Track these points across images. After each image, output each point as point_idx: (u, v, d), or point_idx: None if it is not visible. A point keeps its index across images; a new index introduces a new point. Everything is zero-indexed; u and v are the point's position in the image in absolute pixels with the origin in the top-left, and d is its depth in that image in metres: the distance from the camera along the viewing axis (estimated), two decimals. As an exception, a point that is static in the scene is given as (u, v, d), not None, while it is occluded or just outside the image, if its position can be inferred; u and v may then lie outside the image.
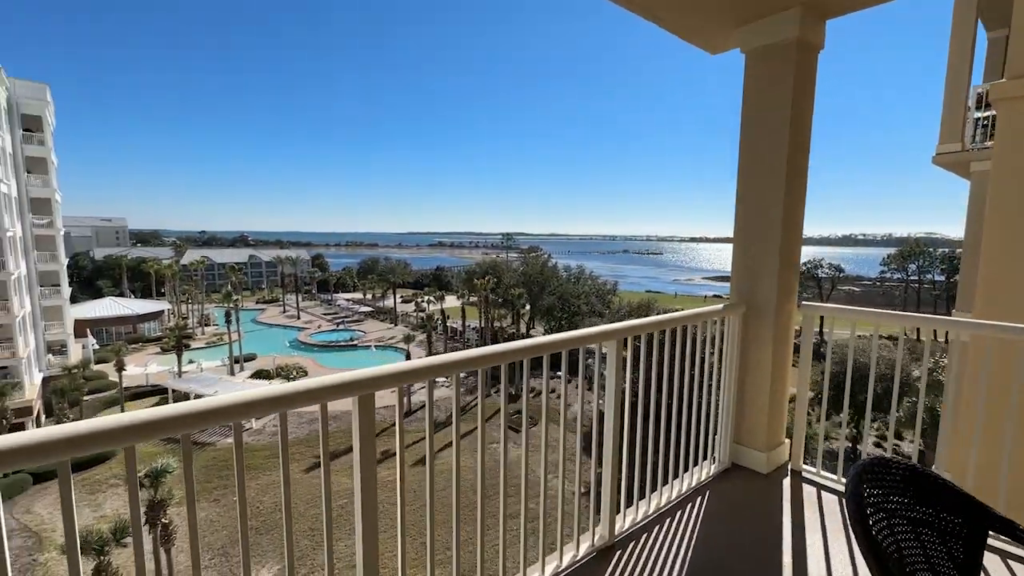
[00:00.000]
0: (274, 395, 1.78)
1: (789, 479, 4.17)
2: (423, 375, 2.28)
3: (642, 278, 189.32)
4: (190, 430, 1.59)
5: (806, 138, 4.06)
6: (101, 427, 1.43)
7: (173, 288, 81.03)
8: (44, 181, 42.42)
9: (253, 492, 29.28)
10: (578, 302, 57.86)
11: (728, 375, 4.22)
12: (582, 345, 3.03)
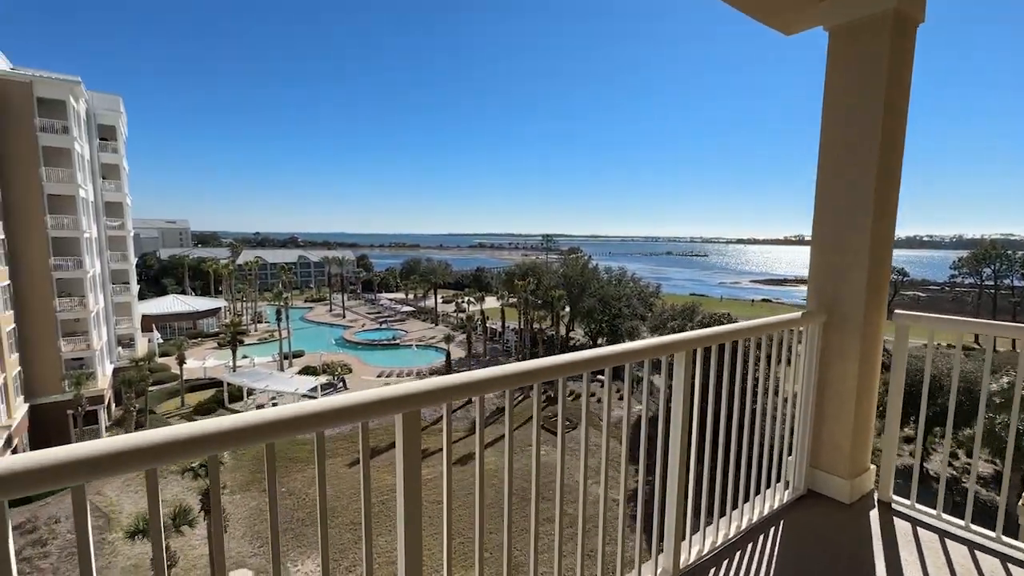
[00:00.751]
0: (311, 412, 1.57)
1: (877, 512, 3.68)
2: (475, 390, 2.06)
3: (686, 281, 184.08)
4: (218, 450, 1.44)
5: (901, 125, 3.56)
6: (127, 446, 1.30)
7: (229, 287, 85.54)
8: (117, 186, 45.72)
9: (299, 484, 30.36)
10: (619, 304, 56.78)
11: (805, 391, 3.77)
12: (649, 357, 2.72)
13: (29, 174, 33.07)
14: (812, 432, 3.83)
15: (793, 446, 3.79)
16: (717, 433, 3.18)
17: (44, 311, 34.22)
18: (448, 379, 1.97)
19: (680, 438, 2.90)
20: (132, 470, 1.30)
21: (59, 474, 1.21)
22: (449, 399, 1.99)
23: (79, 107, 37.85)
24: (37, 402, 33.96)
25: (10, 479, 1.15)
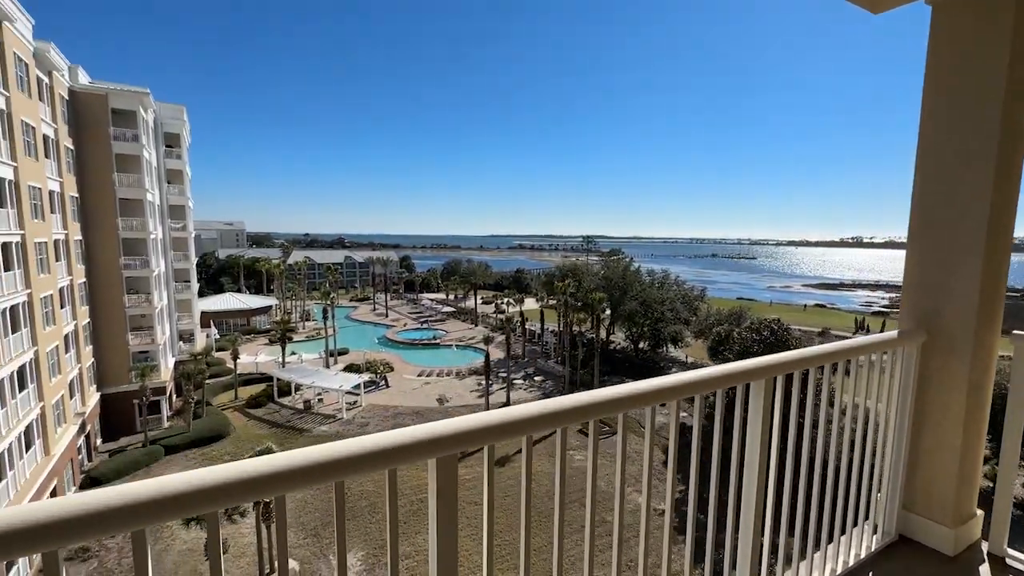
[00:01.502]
0: (328, 459, 1.33)
1: (988, 568, 3.11)
2: (522, 428, 1.73)
3: (732, 284, 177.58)
4: (235, 502, 1.26)
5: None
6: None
7: (280, 285, 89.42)
8: (180, 190, 48.71)
9: (342, 479, 31.28)
10: (662, 308, 55.32)
11: (898, 422, 3.26)
12: (723, 386, 2.35)
13: (104, 179, 35.69)
14: (906, 470, 3.30)
15: (882, 482, 3.28)
16: (798, 466, 2.78)
17: (115, 307, 36.82)
18: (491, 417, 1.68)
19: (757, 475, 2.51)
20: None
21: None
22: (492, 440, 1.69)
23: (148, 117, 40.55)
24: (107, 391, 36.57)
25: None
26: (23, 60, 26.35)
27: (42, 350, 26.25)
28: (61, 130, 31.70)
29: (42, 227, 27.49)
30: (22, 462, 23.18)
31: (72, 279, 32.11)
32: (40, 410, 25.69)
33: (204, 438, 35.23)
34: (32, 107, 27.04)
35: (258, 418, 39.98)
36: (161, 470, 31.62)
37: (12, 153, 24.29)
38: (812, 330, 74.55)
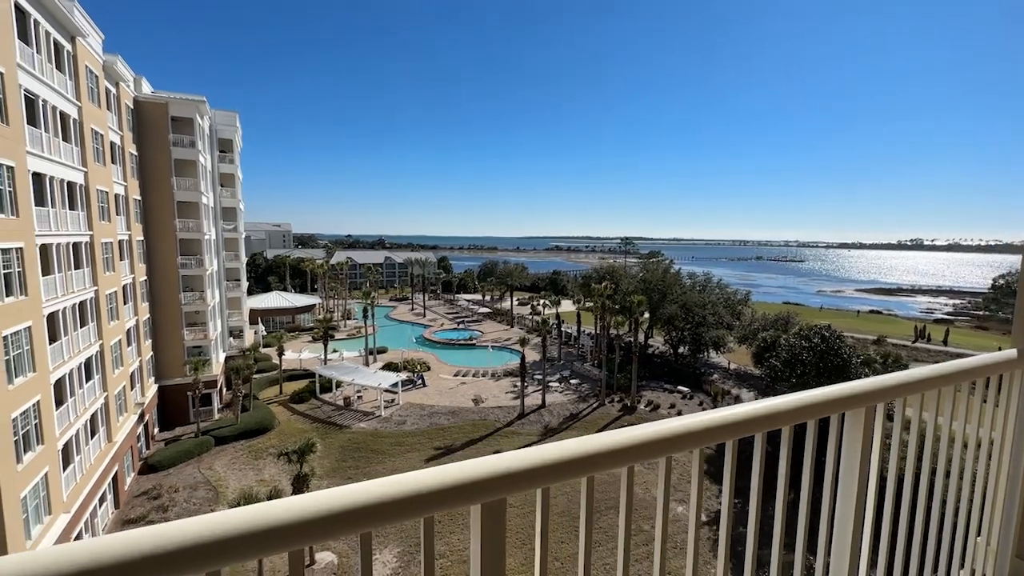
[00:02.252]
0: (351, 506, 1.10)
1: None
2: (582, 467, 1.40)
3: (778, 288, 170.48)
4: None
5: None
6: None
7: (323, 285, 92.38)
8: (232, 193, 51.10)
9: (380, 475, 31.38)
10: (703, 312, 53.59)
11: (1010, 458, 2.85)
12: (814, 417, 1.96)
13: (163, 183, 37.85)
14: (1020, 513, 2.86)
15: (982, 526, 2.85)
16: (897, 506, 2.38)
17: (172, 304, 38.95)
18: (546, 453, 1.36)
19: (853, 521, 2.16)
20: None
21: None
22: (547, 482, 1.37)
23: (203, 123, 42.74)
24: (164, 383, 38.71)
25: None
26: (94, 72, 28.25)
27: (107, 343, 28.01)
28: (126, 137, 33.81)
29: (108, 228, 29.37)
30: (88, 447, 24.79)
31: (134, 277, 34.16)
32: (104, 400, 27.42)
33: (251, 430, 36.72)
34: (101, 116, 28.96)
35: (301, 413, 41.32)
36: (211, 460, 33.15)
37: (83, 159, 26.06)
38: (866, 337, 70.54)
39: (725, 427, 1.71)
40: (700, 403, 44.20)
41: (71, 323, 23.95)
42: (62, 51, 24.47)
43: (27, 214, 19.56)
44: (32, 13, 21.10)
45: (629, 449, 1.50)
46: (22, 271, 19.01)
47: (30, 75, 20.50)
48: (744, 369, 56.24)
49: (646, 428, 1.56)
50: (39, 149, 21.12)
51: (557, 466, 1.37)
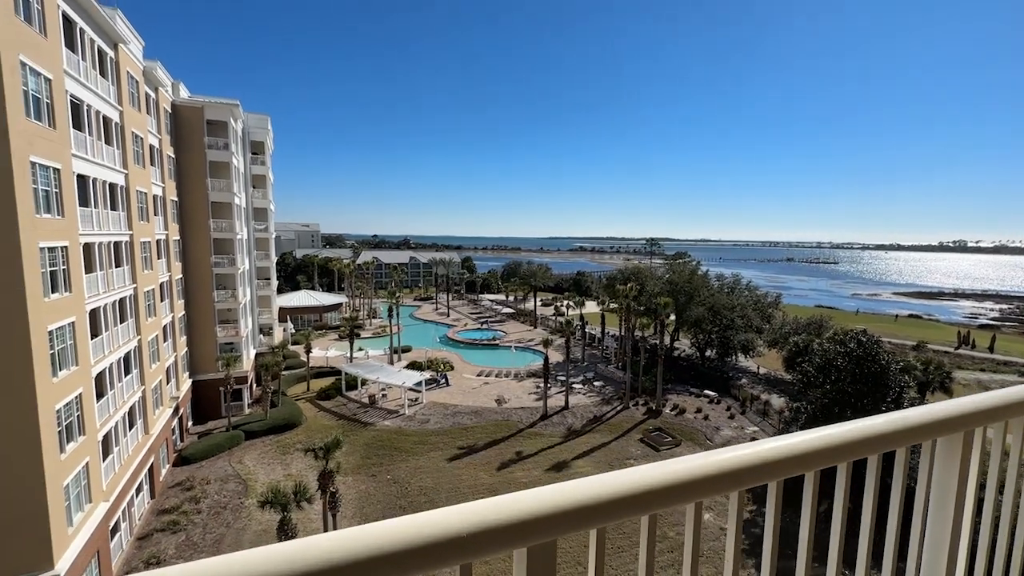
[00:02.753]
0: (362, 556, 0.89)
1: None
2: (640, 504, 1.19)
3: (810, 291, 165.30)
4: None
5: None
6: None
7: (350, 284, 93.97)
8: (263, 194, 52.43)
9: (403, 473, 32.07)
10: (731, 314, 52.30)
11: None
12: (904, 444, 1.63)
13: (198, 184, 39.08)
14: None
15: None
16: (993, 548, 1.99)
17: (205, 301, 40.18)
18: (603, 486, 1.16)
19: (946, 558, 1.81)
20: None
21: None
22: (602, 521, 1.15)
23: (237, 126, 43.99)
24: (198, 378, 39.96)
25: None
26: (135, 78, 29.36)
27: (144, 339, 29.05)
28: (164, 140, 35.03)
29: (147, 228, 30.47)
30: (126, 439, 25.74)
31: (171, 275, 35.35)
32: (141, 393, 28.44)
33: (279, 426, 37.56)
34: (141, 120, 30.07)
35: (327, 410, 42.07)
36: (241, 454, 34.02)
37: (124, 162, 27.10)
38: (905, 343, 67.75)
39: (804, 456, 1.45)
40: (728, 408, 43.12)
41: (111, 319, 24.90)
42: (105, 58, 25.49)
43: (72, 214, 20.42)
44: (78, 22, 22.03)
45: (697, 482, 1.27)
46: (67, 269, 19.85)
47: (76, 81, 21.41)
48: (774, 374, 54.64)
49: (716, 456, 1.33)
50: (83, 152, 22.04)
51: (615, 502, 1.16)
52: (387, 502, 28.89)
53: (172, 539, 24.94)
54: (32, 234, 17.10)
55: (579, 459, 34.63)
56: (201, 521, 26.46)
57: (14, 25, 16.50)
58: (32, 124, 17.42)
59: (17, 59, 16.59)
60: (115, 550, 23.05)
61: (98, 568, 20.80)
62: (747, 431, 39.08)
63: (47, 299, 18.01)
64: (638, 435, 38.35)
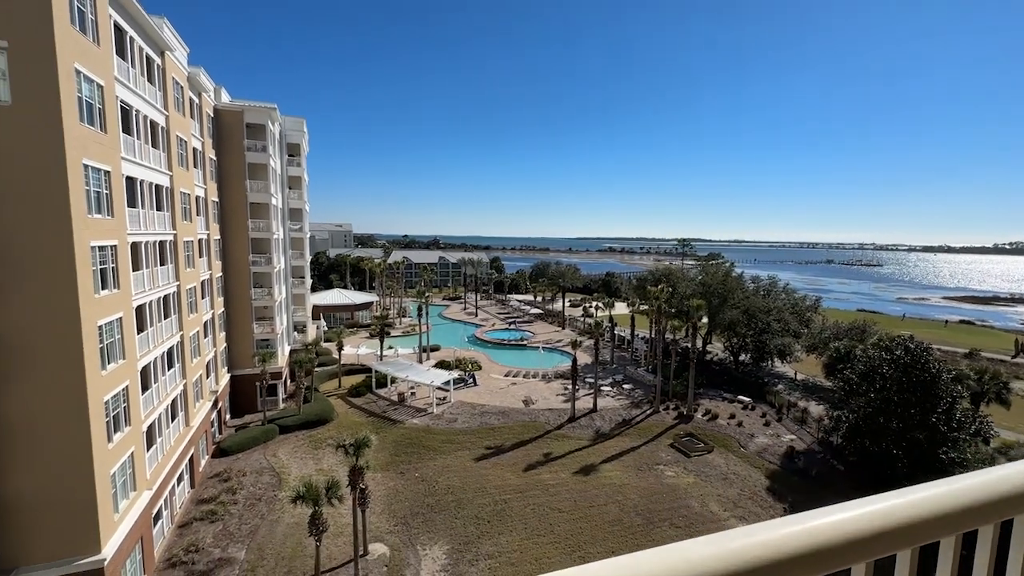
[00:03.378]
0: None
1: None
2: (853, 552, 0.99)
3: (852, 294, 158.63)
4: None
5: None
6: None
7: (381, 283, 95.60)
8: (298, 195, 53.89)
9: (431, 472, 32.30)
10: (767, 318, 50.57)
11: None
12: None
13: (237, 186, 40.44)
14: None
15: None
16: None
17: (243, 299, 41.54)
18: (819, 532, 0.97)
19: None
20: None
21: None
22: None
23: (274, 129, 45.31)
24: (236, 373, 41.34)
25: None
26: (180, 84, 30.58)
27: (186, 334, 30.22)
28: (206, 143, 36.38)
29: (190, 228, 31.69)
30: (168, 430, 26.83)
31: (211, 273, 36.68)
32: (183, 386, 29.59)
33: (312, 421, 38.45)
34: (185, 124, 31.29)
35: (358, 407, 42.81)
36: (275, 447, 34.97)
37: (169, 164, 28.25)
38: (956, 350, 64.09)
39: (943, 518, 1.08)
40: (763, 414, 41.71)
41: (156, 315, 25.99)
42: (153, 64, 26.62)
43: (121, 215, 21.38)
44: (128, 31, 23.06)
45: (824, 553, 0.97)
46: (115, 267, 20.79)
47: (126, 87, 22.42)
48: (813, 380, 52.57)
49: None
50: (132, 155, 23.05)
51: (829, 551, 0.94)
52: (415, 500, 29.14)
53: (210, 528, 25.80)
54: (84, 233, 17.96)
55: (607, 463, 34.13)
56: (237, 512, 27.29)
57: (70, 35, 17.37)
58: (85, 129, 18.31)
59: (72, 67, 17.46)
60: (157, 537, 24.02)
61: (141, 554, 21.70)
62: (783, 439, 37.70)
63: (97, 295, 18.88)
64: (668, 440, 37.50)
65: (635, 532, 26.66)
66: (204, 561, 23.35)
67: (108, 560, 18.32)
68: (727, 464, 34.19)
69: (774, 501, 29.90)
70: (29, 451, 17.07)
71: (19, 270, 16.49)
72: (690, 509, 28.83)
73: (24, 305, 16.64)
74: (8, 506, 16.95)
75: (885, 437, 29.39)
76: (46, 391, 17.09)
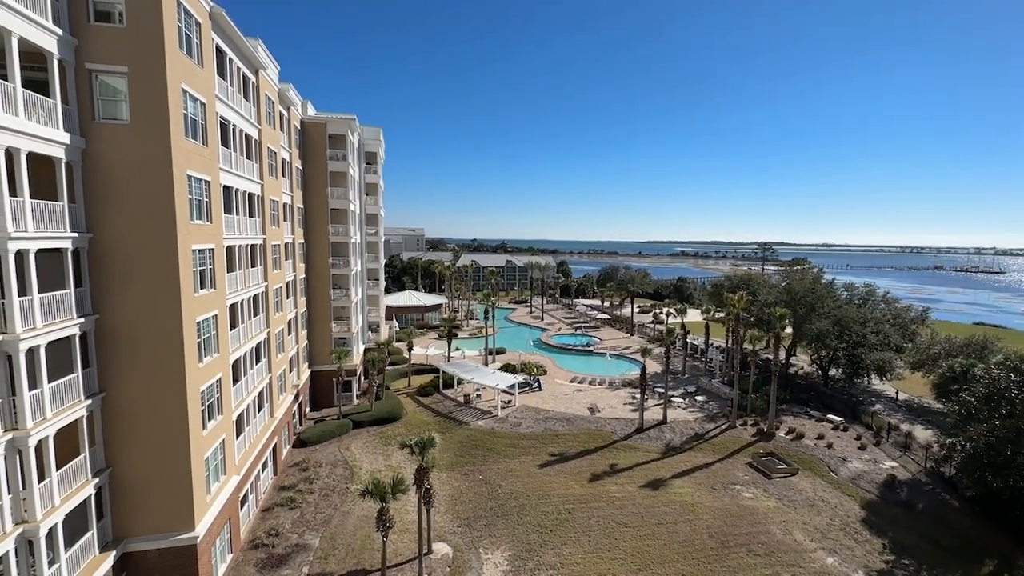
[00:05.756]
0: None
1: None
2: None
3: (967, 304, 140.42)
4: None
5: None
6: None
7: (450, 286, 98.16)
8: (375, 201, 56.59)
9: (494, 475, 32.29)
10: (863, 330, 45.73)
11: None
12: None
13: (319, 193, 43.12)
14: None
15: None
16: None
17: (323, 299, 44.15)
18: None
19: None
20: None
21: None
22: None
23: (353, 139, 47.88)
24: (315, 368, 43.98)
25: None
26: (271, 99, 33.08)
27: (272, 332, 32.52)
28: (293, 154, 39.09)
29: (277, 232, 34.14)
30: (255, 420, 28.95)
31: (295, 275, 39.30)
32: (268, 380, 31.83)
33: (383, 418, 39.96)
34: (275, 137, 33.79)
35: (426, 406, 43.93)
36: (349, 441, 36.67)
37: (260, 173, 30.60)
38: (1106, 374, 54.33)
39: None
40: (857, 437, 37.67)
41: (246, 313, 28.15)
42: (248, 82, 28.98)
43: (218, 220, 23.37)
44: (228, 52, 25.24)
45: None
46: (213, 268, 22.74)
47: (224, 104, 24.53)
48: (919, 401, 46.83)
49: None
50: (228, 166, 25.17)
51: None
52: (478, 502, 29.23)
53: (289, 515, 27.45)
54: (187, 237, 19.76)
55: (678, 478, 32.36)
56: (313, 501, 28.84)
57: (178, 59, 19.23)
58: (189, 143, 20.17)
59: (180, 87, 19.31)
60: (243, 519, 25.91)
61: (229, 534, 23.48)
62: (882, 465, 33.78)
63: (196, 294, 20.70)
64: (746, 458, 34.91)
65: (708, 555, 24.93)
66: (283, 545, 24.83)
67: (200, 537, 19.93)
68: (814, 489, 31.18)
69: (871, 535, 26.77)
70: (136, 433, 18.99)
71: (130, 269, 18.42)
72: (771, 536, 26.51)
73: (133, 301, 18.55)
74: (120, 482, 18.95)
75: (1013, 472, 25.35)
76: (151, 380, 18.93)
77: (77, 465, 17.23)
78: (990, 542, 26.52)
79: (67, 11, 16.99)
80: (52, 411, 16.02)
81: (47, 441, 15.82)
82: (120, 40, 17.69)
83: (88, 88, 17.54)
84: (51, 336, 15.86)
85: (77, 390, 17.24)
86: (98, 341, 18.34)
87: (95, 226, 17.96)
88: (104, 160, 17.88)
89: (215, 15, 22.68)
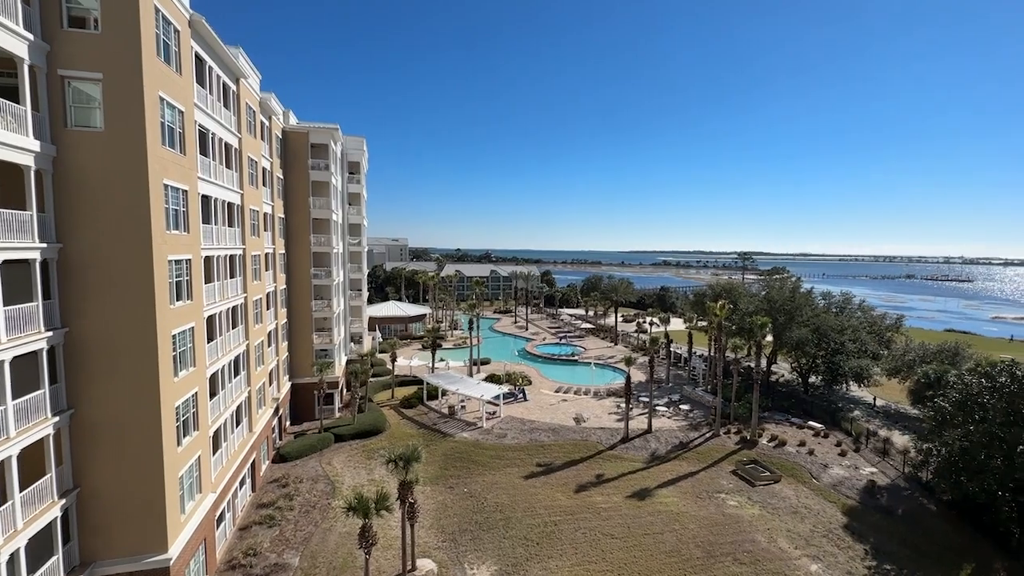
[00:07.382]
0: None
1: None
2: None
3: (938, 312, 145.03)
4: None
5: None
6: None
7: (434, 296, 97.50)
8: (357, 211, 56.07)
9: (479, 488, 31.85)
10: (841, 338, 46.71)
11: None
12: None
13: (301, 203, 42.56)
14: None
15: None
16: None
17: (304, 310, 43.39)
18: None
19: None
20: None
21: None
22: None
23: (336, 148, 47.49)
24: (296, 381, 43.05)
25: None
26: (252, 108, 32.65)
27: (251, 344, 31.74)
28: (275, 163, 38.57)
29: (257, 242, 33.50)
30: (233, 435, 28.10)
31: (276, 285, 38.57)
32: (247, 393, 31.00)
33: (365, 431, 39.20)
34: (256, 146, 33.31)
35: (409, 418, 43.28)
36: (331, 455, 35.83)
37: (240, 183, 30.07)
38: (1070, 378, 56.32)
39: None
40: (838, 443, 38.26)
41: (225, 325, 27.44)
42: (228, 91, 28.56)
43: (196, 231, 22.81)
44: (207, 60, 24.85)
45: None
46: (189, 279, 22.14)
47: (203, 112, 24.09)
48: (895, 407, 47.90)
49: None
50: (207, 175, 24.65)
51: None
52: (463, 516, 28.76)
53: (268, 533, 26.60)
54: (163, 248, 19.22)
55: (664, 488, 32.36)
56: (293, 518, 28.02)
57: (156, 66, 18.84)
58: (166, 151, 19.71)
59: (157, 95, 18.90)
60: (219, 539, 25.01)
61: (204, 555, 22.62)
62: (862, 471, 34.31)
63: (172, 306, 20.10)
64: (730, 466, 35.13)
65: (694, 565, 24.89)
66: (261, 565, 24.01)
67: (174, 560, 19.16)
68: (797, 496, 31.47)
69: (853, 541, 27.07)
70: (106, 451, 18.23)
71: (102, 280, 17.80)
72: (756, 544, 26.61)
73: (105, 314, 17.90)
74: (89, 503, 18.13)
75: (987, 476, 25.94)
76: (123, 395, 18.24)
77: (43, 486, 16.44)
78: (968, 546, 27.03)
79: (39, 16, 16.54)
80: (16, 429, 15.30)
81: (10, 461, 15.08)
82: (95, 46, 17.27)
83: (60, 94, 17.04)
84: (16, 351, 15.19)
85: (44, 407, 16.51)
86: (67, 355, 17.62)
87: (66, 236, 17.33)
88: (76, 168, 17.33)
89: (195, 22, 22.35)
